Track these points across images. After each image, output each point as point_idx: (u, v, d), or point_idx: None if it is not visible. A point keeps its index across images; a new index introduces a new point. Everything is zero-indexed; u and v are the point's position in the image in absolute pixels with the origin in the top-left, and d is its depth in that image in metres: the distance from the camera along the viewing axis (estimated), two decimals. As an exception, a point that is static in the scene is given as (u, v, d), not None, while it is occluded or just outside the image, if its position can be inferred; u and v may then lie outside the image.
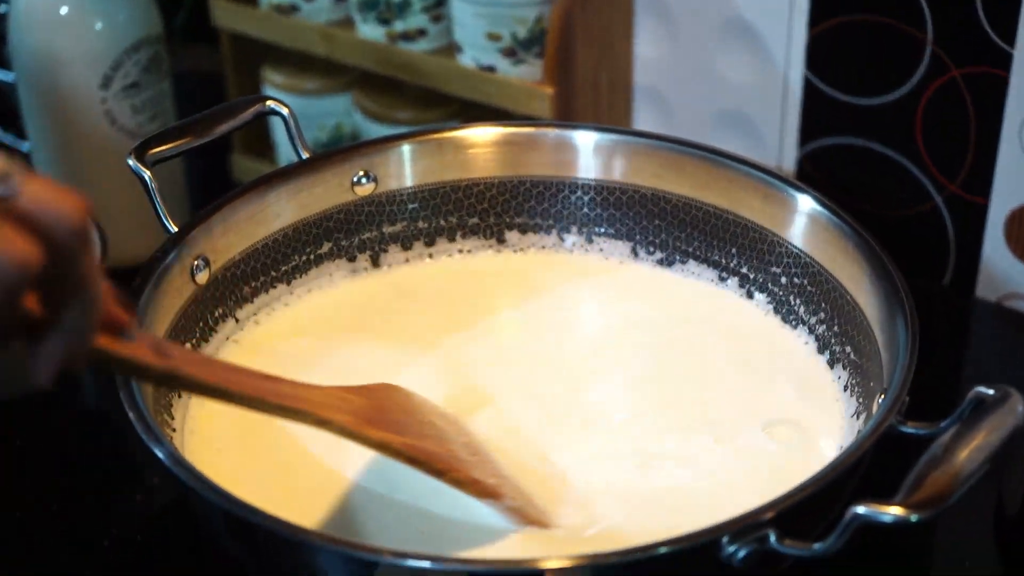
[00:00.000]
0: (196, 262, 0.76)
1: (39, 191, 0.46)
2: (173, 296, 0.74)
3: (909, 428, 0.63)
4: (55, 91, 0.97)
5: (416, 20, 1.01)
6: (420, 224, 0.86)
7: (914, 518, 0.56)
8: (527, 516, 0.66)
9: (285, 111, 0.82)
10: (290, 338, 0.80)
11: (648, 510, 0.67)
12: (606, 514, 0.67)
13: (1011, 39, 0.87)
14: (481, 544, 0.65)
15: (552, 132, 0.86)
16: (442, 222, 0.87)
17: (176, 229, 0.76)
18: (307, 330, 0.81)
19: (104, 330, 0.51)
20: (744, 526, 0.57)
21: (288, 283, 0.83)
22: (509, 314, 0.82)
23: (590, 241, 0.87)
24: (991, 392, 0.61)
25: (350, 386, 0.66)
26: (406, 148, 0.85)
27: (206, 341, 0.77)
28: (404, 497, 0.68)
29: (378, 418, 0.65)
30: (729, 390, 0.76)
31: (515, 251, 0.87)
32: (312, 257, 0.84)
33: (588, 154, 0.86)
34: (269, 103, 0.83)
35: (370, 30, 1.03)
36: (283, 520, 0.58)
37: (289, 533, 0.58)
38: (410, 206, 0.86)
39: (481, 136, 0.86)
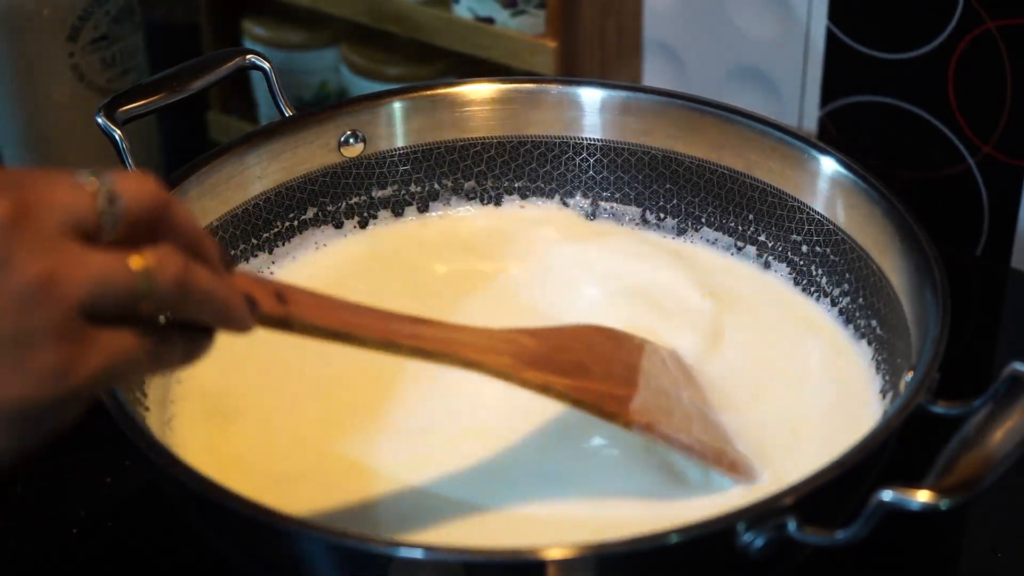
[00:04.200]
0: (170, 228, 0.76)
1: (129, 193, 0.49)
2: (146, 265, 0.73)
3: (939, 408, 0.63)
4: (19, 44, 0.96)
5: (408, -33, 1.00)
6: (412, 188, 0.86)
7: (944, 504, 0.55)
8: (716, 459, 0.68)
9: (267, 65, 0.82)
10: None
11: (654, 493, 0.67)
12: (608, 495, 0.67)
13: (1051, -12, 0.86)
14: (513, 532, 0.65)
15: (555, 88, 0.86)
16: (436, 185, 0.86)
17: (149, 193, 0.76)
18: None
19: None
20: (762, 512, 0.57)
21: (270, 251, 0.82)
22: (509, 282, 0.82)
23: (596, 206, 0.87)
24: (1028, 369, 0.61)
25: (532, 328, 0.68)
26: (397, 106, 0.85)
27: (181, 313, 0.76)
28: (416, 480, 0.68)
29: (549, 359, 0.66)
30: (745, 367, 0.75)
31: (514, 215, 0.87)
32: (296, 223, 0.83)
33: (594, 112, 0.85)
34: (249, 57, 0.82)
35: (358, -22, 1.02)
36: (263, 507, 0.58)
37: (270, 521, 0.58)
38: (401, 168, 0.86)
39: (478, 93, 0.86)
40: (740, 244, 0.83)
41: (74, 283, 0.47)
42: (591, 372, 0.68)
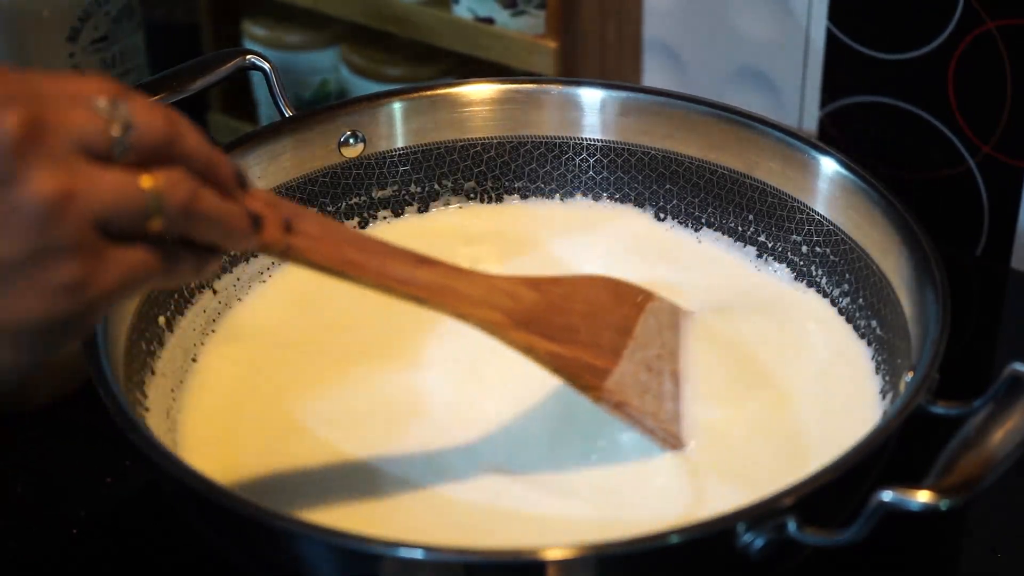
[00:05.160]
0: (170, 229, 0.76)
1: (143, 123, 0.51)
2: (146, 265, 0.73)
3: (939, 408, 0.63)
4: (19, 45, 0.96)
5: (408, -32, 1.00)
6: (412, 188, 0.86)
7: (944, 504, 0.55)
8: (667, 440, 0.69)
9: (267, 65, 0.82)
10: (273, 311, 0.79)
11: (653, 493, 0.67)
12: (607, 496, 0.67)
13: (1051, -11, 0.86)
14: (518, 533, 0.65)
15: (555, 89, 0.86)
16: (436, 186, 0.86)
17: (149, 193, 0.76)
18: (292, 302, 0.80)
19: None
20: (762, 513, 0.57)
21: (270, 251, 0.82)
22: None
23: (596, 205, 0.86)
24: (1028, 370, 0.61)
25: (543, 277, 0.69)
26: (397, 106, 0.85)
27: (181, 314, 0.76)
28: (423, 485, 0.68)
29: (541, 318, 0.67)
30: (744, 366, 0.75)
31: (514, 215, 0.87)
32: (296, 223, 0.83)
33: (594, 113, 0.85)
34: (249, 57, 0.82)
35: (358, -21, 1.02)
36: (263, 507, 0.58)
37: (270, 521, 0.58)
38: (401, 168, 0.86)
39: (478, 93, 0.86)
40: (740, 244, 0.83)
41: (90, 199, 0.49)
42: (578, 337, 0.69)
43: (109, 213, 0.49)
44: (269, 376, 0.75)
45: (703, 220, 0.84)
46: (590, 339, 0.69)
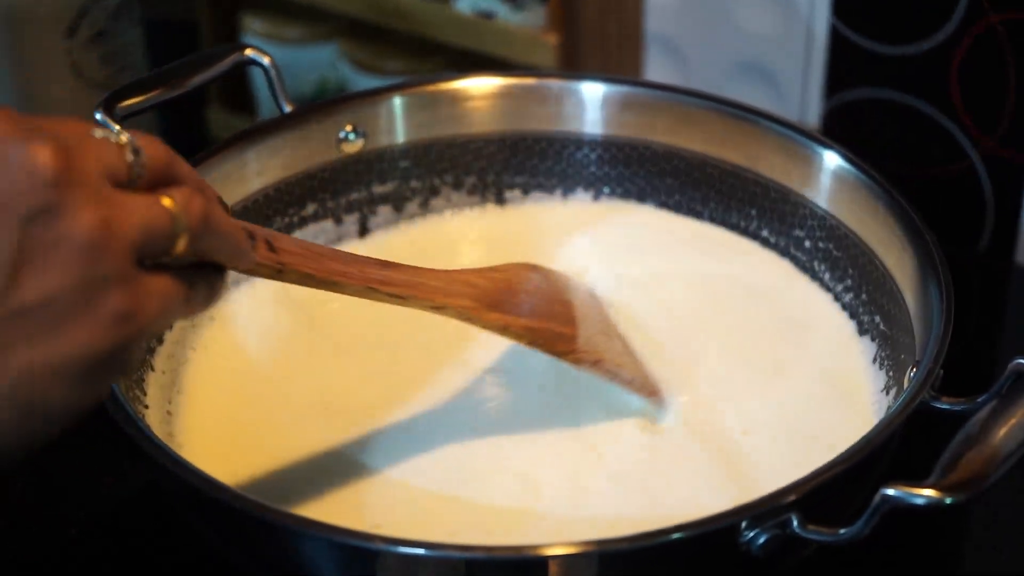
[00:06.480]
0: (170, 225, 0.76)
1: (147, 146, 0.51)
2: (145, 262, 0.74)
3: (943, 404, 0.63)
4: (15, 41, 0.96)
5: (408, -38, 1.01)
6: (412, 183, 0.86)
7: (948, 501, 0.55)
8: (647, 389, 0.73)
9: (266, 60, 0.82)
10: (272, 308, 0.80)
11: (656, 488, 0.67)
12: (611, 491, 0.67)
13: (1055, -18, 0.86)
14: (507, 531, 0.65)
15: (556, 83, 0.86)
16: (436, 181, 0.86)
17: (148, 189, 0.76)
18: (291, 299, 0.80)
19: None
20: (765, 509, 0.57)
21: (269, 248, 0.82)
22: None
23: (597, 201, 0.87)
24: (1032, 365, 0.61)
25: (478, 268, 0.71)
26: (397, 101, 0.85)
27: (181, 311, 0.76)
28: (423, 483, 0.68)
29: (502, 300, 0.70)
30: (749, 362, 0.75)
31: (515, 210, 0.87)
32: (296, 219, 0.83)
33: (595, 107, 0.85)
34: (248, 52, 0.82)
35: (358, -27, 1.02)
36: (263, 505, 0.58)
37: (270, 519, 0.58)
38: (402, 164, 0.86)
39: (479, 88, 0.86)
40: (742, 239, 0.83)
41: (126, 226, 0.49)
42: (538, 311, 0.72)
43: (145, 238, 0.49)
44: (265, 370, 0.75)
45: (705, 215, 0.85)
46: (548, 311, 0.72)
